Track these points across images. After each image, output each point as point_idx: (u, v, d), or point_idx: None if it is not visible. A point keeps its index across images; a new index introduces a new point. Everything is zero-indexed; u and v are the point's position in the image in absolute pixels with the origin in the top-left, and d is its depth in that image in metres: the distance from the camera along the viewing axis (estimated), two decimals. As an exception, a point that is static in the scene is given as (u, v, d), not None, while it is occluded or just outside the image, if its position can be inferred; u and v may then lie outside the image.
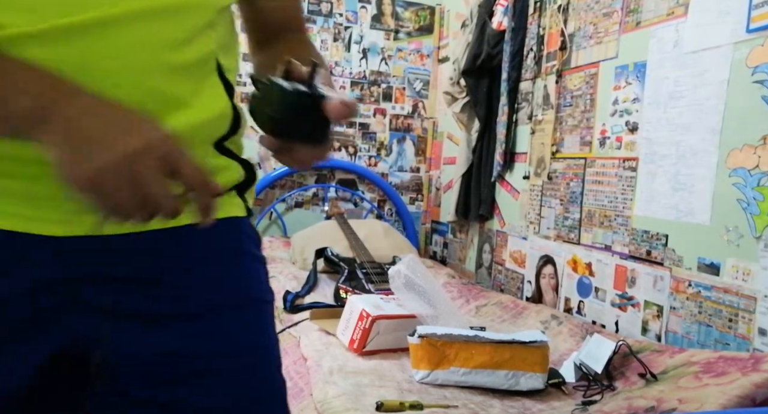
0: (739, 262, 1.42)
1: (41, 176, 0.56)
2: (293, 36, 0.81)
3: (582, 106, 2.03)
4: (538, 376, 1.37)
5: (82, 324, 0.61)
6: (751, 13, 1.41)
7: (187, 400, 0.64)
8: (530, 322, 1.92)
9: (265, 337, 0.71)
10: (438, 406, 1.23)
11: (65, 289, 0.59)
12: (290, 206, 3.23)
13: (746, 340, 1.39)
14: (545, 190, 2.22)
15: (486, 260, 2.68)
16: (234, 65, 0.71)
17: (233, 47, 0.71)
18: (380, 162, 3.39)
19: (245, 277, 0.70)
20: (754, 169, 1.38)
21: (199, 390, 0.64)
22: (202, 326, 0.65)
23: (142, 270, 0.62)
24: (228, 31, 0.69)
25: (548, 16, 2.25)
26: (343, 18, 3.27)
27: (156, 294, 0.63)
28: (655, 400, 1.21)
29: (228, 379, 0.65)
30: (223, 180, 0.67)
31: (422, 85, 3.43)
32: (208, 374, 0.65)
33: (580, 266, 1.99)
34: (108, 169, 0.48)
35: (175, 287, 0.64)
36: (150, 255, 0.63)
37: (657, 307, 1.66)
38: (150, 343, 0.63)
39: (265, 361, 0.70)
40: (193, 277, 0.65)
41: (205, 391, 0.64)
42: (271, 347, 0.72)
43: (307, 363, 1.47)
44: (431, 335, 1.38)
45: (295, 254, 2.69)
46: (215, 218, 0.55)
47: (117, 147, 0.49)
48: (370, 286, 2.12)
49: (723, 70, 1.48)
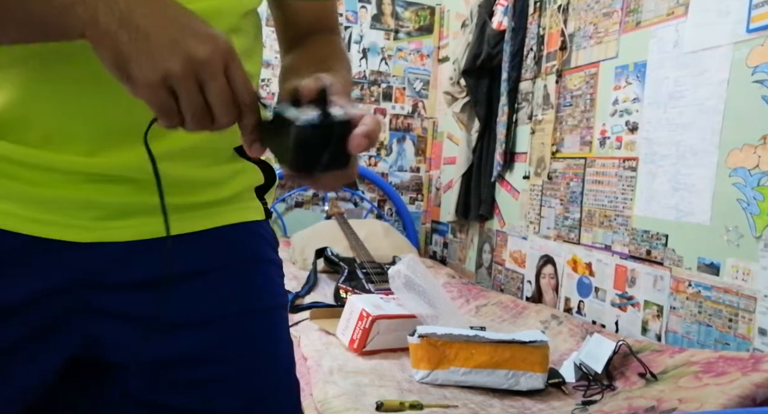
0: (739, 262, 1.42)
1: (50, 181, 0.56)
2: (322, 38, 0.77)
3: (582, 106, 2.03)
4: (538, 375, 1.37)
5: (94, 328, 0.61)
6: (751, 13, 1.41)
7: (195, 405, 0.64)
8: (530, 322, 1.92)
9: (276, 342, 0.71)
10: (438, 406, 1.23)
11: (77, 295, 0.59)
12: (290, 206, 3.23)
13: (746, 340, 1.39)
14: (545, 190, 2.22)
15: (486, 260, 2.68)
16: (256, 70, 0.70)
17: (256, 51, 0.70)
18: (380, 162, 3.39)
19: (259, 284, 0.69)
20: (754, 169, 1.38)
21: (207, 395, 0.64)
22: (213, 332, 0.64)
23: (155, 275, 0.62)
24: (252, 35, 0.68)
25: (548, 16, 2.25)
26: (343, 18, 3.27)
27: (168, 299, 0.62)
28: (655, 400, 1.21)
29: (235, 384, 0.65)
30: (241, 184, 0.68)
31: (422, 85, 3.43)
32: (216, 379, 0.64)
33: (580, 266, 1.99)
34: (175, 73, 0.45)
35: (187, 293, 0.63)
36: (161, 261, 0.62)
37: (657, 307, 1.66)
38: (159, 348, 0.62)
39: (274, 366, 0.70)
40: (207, 283, 0.65)
41: (213, 396, 0.64)
42: (282, 351, 0.71)
43: (307, 363, 1.47)
44: (431, 335, 1.38)
45: (295, 254, 2.69)
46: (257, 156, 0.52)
47: (187, 50, 0.46)
48: (370, 286, 2.12)
49: (723, 70, 1.48)
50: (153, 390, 0.63)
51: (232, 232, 0.67)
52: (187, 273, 0.63)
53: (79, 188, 0.57)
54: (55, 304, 0.59)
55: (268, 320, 0.70)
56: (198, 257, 0.65)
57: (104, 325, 0.61)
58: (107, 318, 0.61)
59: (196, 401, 0.64)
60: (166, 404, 0.63)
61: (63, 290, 0.59)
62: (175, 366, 0.63)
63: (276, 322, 0.71)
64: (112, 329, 0.61)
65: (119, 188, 0.59)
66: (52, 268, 0.58)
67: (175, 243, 0.62)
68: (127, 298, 0.61)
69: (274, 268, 0.72)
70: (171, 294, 0.63)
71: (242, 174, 0.68)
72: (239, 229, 0.67)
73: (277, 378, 0.70)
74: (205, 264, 0.65)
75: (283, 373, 0.71)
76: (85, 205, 0.58)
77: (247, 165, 0.68)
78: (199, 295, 0.64)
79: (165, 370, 0.63)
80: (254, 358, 0.67)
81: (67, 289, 0.59)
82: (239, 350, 0.66)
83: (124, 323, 0.61)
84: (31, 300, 0.58)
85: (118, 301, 0.61)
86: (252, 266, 0.69)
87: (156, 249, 0.61)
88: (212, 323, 0.64)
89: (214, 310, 0.65)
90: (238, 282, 0.67)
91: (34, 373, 0.61)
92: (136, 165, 0.57)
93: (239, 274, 0.67)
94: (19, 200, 0.57)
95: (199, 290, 0.64)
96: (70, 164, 0.56)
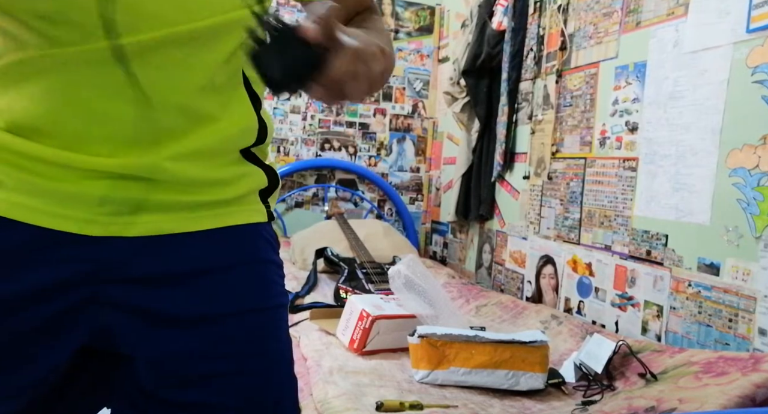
0: (738, 262, 1.42)
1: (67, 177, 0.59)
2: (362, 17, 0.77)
3: (582, 106, 2.03)
4: (538, 376, 1.37)
5: (104, 319, 0.62)
6: (751, 13, 1.41)
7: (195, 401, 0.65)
8: (530, 322, 1.92)
9: (276, 341, 0.72)
10: (438, 406, 1.23)
11: (87, 287, 0.61)
12: (290, 206, 3.23)
13: (746, 340, 1.39)
14: (545, 190, 2.22)
15: (486, 260, 2.68)
16: None
17: None
18: (380, 162, 3.39)
19: (261, 284, 0.71)
20: (754, 169, 1.38)
21: (207, 392, 0.65)
22: (215, 330, 0.66)
23: (163, 271, 0.64)
24: None
25: (548, 16, 2.25)
26: (343, 18, 3.27)
27: (172, 296, 0.64)
28: (655, 400, 1.21)
29: (235, 382, 0.66)
30: (246, 186, 0.70)
31: (422, 85, 3.43)
32: (216, 376, 0.66)
33: (580, 266, 1.99)
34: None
35: (193, 290, 0.65)
36: (168, 258, 0.64)
37: (657, 307, 1.66)
38: (163, 343, 0.64)
39: (274, 365, 0.71)
40: (211, 281, 0.66)
41: (213, 393, 0.65)
42: (282, 350, 0.73)
43: (307, 363, 1.47)
44: (431, 335, 1.38)
45: (295, 254, 2.69)
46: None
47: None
48: (370, 286, 2.12)
49: (723, 70, 1.48)
50: (157, 384, 0.64)
51: (236, 233, 0.68)
52: (192, 271, 0.65)
53: (94, 184, 0.60)
54: (67, 295, 0.60)
55: (269, 319, 0.71)
56: (203, 256, 0.66)
57: (114, 316, 0.62)
58: (117, 310, 0.62)
59: (196, 397, 0.65)
60: (167, 399, 0.64)
61: (75, 282, 0.60)
62: (177, 361, 0.65)
63: (276, 322, 0.73)
64: (121, 321, 0.63)
65: (133, 185, 0.61)
66: (64, 260, 0.60)
67: (181, 241, 0.64)
68: (136, 292, 0.63)
69: (275, 268, 0.74)
70: (177, 290, 0.64)
71: (248, 177, 0.70)
72: (243, 230, 0.69)
73: (276, 376, 0.71)
74: (210, 263, 0.67)
75: (283, 372, 0.72)
76: (100, 200, 0.60)
77: (252, 169, 0.70)
78: (204, 292, 0.66)
79: (167, 365, 0.64)
80: (254, 357, 0.68)
81: (79, 281, 0.60)
82: (240, 348, 0.67)
83: (133, 316, 0.63)
84: (44, 290, 0.59)
85: (128, 295, 0.62)
86: (254, 266, 0.71)
87: (166, 245, 0.63)
88: (215, 321, 0.66)
89: (217, 308, 0.66)
90: (241, 281, 0.69)
91: (46, 362, 0.62)
92: (152, 166, 0.60)
93: (242, 273, 0.69)
94: (35, 193, 0.59)
95: (204, 288, 0.66)
96: (87, 163, 0.59)
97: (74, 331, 0.62)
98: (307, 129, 3.26)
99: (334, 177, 3.30)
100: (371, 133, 3.36)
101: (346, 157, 3.33)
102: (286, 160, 3.21)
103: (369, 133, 3.36)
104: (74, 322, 0.61)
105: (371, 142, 3.37)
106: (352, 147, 3.34)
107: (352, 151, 3.33)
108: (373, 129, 3.37)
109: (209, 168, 0.65)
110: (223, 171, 0.66)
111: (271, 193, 0.75)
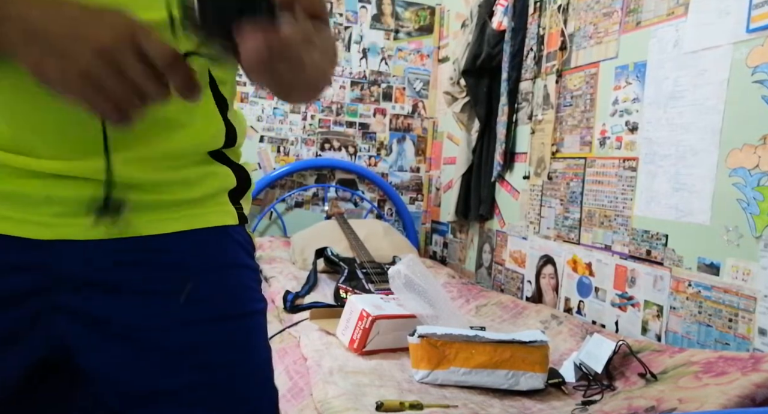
0: (739, 262, 1.42)
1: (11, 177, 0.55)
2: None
3: (582, 106, 2.03)
4: (538, 375, 1.37)
5: (61, 330, 0.59)
6: (751, 13, 1.41)
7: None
8: (530, 322, 1.92)
9: (253, 349, 0.69)
10: (438, 406, 1.23)
11: (47, 295, 0.58)
12: (290, 206, 3.23)
13: (746, 340, 1.39)
14: (545, 190, 2.22)
15: (486, 260, 2.68)
16: (229, 77, 0.68)
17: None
18: (380, 162, 3.39)
19: (234, 289, 0.67)
20: (754, 169, 1.38)
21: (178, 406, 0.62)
22: (184, 339, 0.62)
23: (119, 278, 0.60)
24: None
25: (548, 16, 2.25)
26: (343, 18, 3.27)
27: (132, 304, 0.60)
28: (655, 400, 1.21)
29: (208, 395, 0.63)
30: (213, 185, 0.66)
31: (422, 85, 3.43)
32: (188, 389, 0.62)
33: (580, 266, 1.99)
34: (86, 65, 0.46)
35: (153, 298, 0.61)
36: (133, 264, 0.61)
37: (657, 307, 1.66)
38: (126, 354, 0.60)
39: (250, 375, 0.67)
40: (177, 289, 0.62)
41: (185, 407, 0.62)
42: (259, 359, 0.69)
43: (307, 363, 1.47)
44: (431, 335, 1.38)
45: (295, 254, 2.69)
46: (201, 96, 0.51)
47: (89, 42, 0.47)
48: (370, 286, 2.12)
49: (723, 70, 1.48)
50: (122, 403, 0.61)
51: (205, 236, 0.65)
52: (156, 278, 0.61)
53: (36, 183, 0.56)
54: (22, 304, 0.57)
55: (244, 326, 0.68)
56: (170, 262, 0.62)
57: (71, 327, 0.59)
58: (75, 320, 0.59)
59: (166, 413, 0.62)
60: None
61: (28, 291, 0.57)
62: (143, 374, 0.61)
63: (251, 329, 0.69)
64: (79, 332, 0.59)
65: (81, 184, 0.57)
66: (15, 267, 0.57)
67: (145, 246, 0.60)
68: (94, 300, 0.59)
69: (249, 273, 0.70)
70: (137, 298, 0.60)
71: (213, 176, 0.66)
72: (213, 233, 0.65)
73: (251, 388, 0.67)
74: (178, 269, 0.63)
75: (260, 383, 0.69)
76: (44, 200, 0.56)
77: (220, 168, 0.67)
78: (167, 300, 0.62)
79: (130, 380, 0.61)
80: (229, 367, 0.65)
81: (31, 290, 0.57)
82: (209, 359, 0.63)
83: (91, 326, 0.59)
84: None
85: (86, 303, 0.59)
86: (226, 271, 0.67)
87: (122, 250, 0.59)
88: (179, 330, 0.62)
89: (185, 316, 0.62)
90: (211, 287, 0.65)
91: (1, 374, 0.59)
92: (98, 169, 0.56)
93: (212, 278, 0.65)
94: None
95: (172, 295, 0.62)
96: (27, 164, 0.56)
97: (31, 341, 0.58)
98: (307, 129, 3.26)
99: (334, 177, 3.30)
100: (371, 133, 3.36)
101: (346, 157, 3.33)
102: (286, 160, 3.21)
103: (369, 133, 3.36)
104: (32, 333, 0.58)
105: (371, 142, 3.37)
106: (352, 147, 3.34)
107: (352, 151, 3.33)
108: (373, 129, 3.37)
109: (168, 169, 0.61)
110: (184, 172, 0.63)
111: (243, 194, 0.71)
